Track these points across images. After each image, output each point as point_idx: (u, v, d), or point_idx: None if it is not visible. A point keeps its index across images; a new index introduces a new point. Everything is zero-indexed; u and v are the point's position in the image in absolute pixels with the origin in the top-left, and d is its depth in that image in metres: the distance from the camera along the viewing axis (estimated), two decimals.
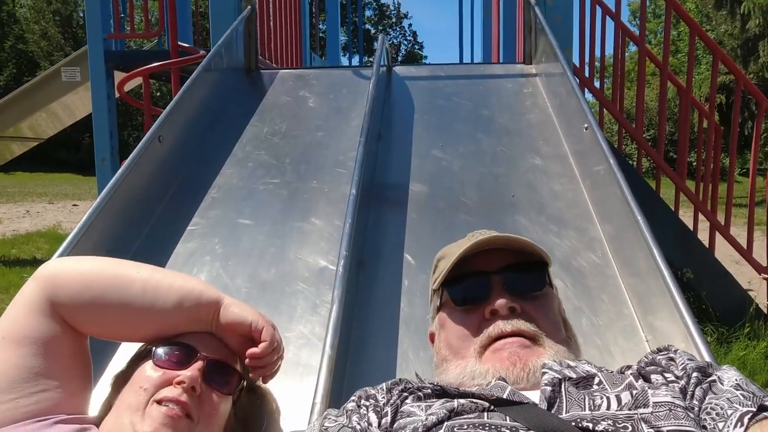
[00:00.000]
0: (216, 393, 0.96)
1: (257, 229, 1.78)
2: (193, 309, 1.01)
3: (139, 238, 1.74)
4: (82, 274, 1.02)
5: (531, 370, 0.89)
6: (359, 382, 1.24)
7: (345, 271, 1.30)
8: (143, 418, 0.91)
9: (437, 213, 1.81)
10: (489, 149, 2.14)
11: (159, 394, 0.93)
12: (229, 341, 1.02)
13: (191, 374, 0.93)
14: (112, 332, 1.07)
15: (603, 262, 1.57)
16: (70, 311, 1.01)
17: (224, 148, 2.23)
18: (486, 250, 1.02)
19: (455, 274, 1.02)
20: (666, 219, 3.73)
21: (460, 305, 1.01)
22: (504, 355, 0.92)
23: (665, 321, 1.28)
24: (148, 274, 1.04)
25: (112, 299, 1.00)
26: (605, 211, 1.72)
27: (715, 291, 3.57)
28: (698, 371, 0.79)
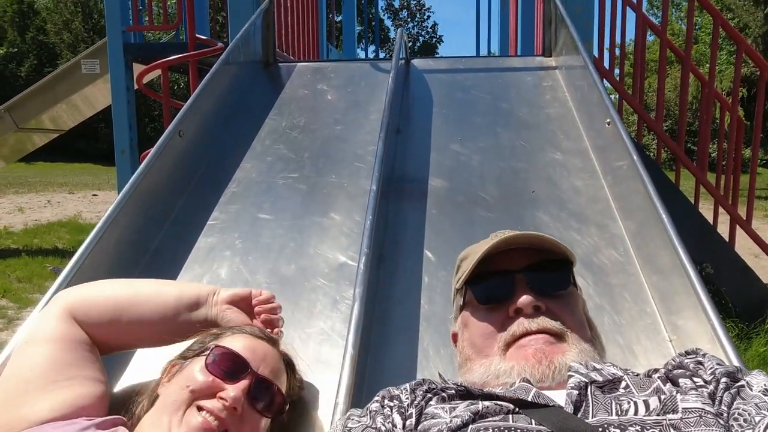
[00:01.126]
0: (258, 413, 0.98)
1: (277, 224, 1.79)
2: (194, 298, 1.13)
3: (160, 232, 1.76)
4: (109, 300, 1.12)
5: (557, 368, 0.88)
6: (380, 379, 1.25)
7: (366, 269, 1.31)
8: (180, 422, 0.93)
9: (456, 208, 1.81)
10: (508, 143, 2.12)
11: (201, 400, 0.95)
12: (232, 316, 1.10)
13: (235, 395, 0.94)
14: (129, 344, 1.17)
15: (625, 259, 1.55)
16: (96, 329, 1.10)
17: (243, 142, 2.24)
18: (510, 249, 1.02)
19: (479, 273, 1.01)
20: (685, 212, 3.68)
21: (484, 304, 1.00)
22: (529, 352, 0.91)
23: (689, 320, 1.26)
24: (153, 287, 1.16)
25: (128, 317, 1.10)
26: (627, 207, 1.70)
27: (735, 286, 3.52)
28: (727, 376, 0.78)
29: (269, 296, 1.19)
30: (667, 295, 1.38)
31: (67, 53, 25.05)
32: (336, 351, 1.32)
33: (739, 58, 3.65)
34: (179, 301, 1.13)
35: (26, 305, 4.41)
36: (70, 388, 1.03)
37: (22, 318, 4.13)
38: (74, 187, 14.55)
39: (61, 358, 1.06)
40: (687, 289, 1.28)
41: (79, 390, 1.04)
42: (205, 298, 1.15)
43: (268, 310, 1.15)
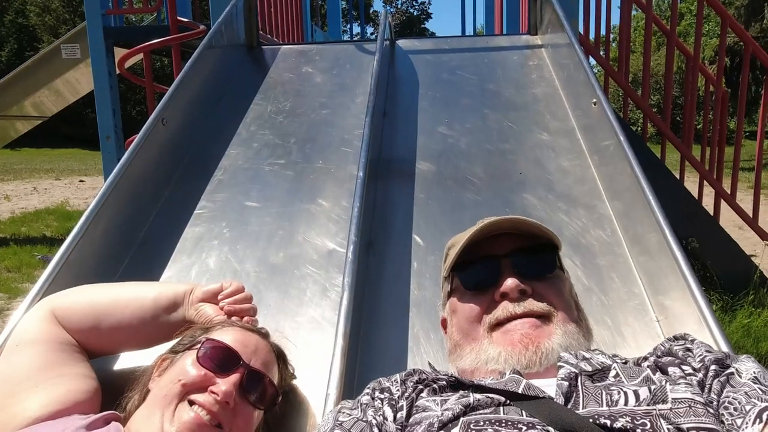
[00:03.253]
0: (251, 406, 0.98)
1: (264, 212, 1.78)
2: (171, 299, 1.13)
3: (147, 223, 1.74)
4: (89, 305, 1.14)
5: (543, 353, 0.89)
6: (372, 366, 1.26)
7: (354, 258, 1.30)
8: (173, 418, 0.93)
9: (445, 192, 1.80)
10: (495, 125, 2.11)
11: (193, 394, 0.95)
12: (209, 311, 1.10)
13: (226, 389, 0.94)
14: (112, 349, 1.17)
15: (612, 240, 1.56)
16: (80, 334, 1.12)
17: (228, 128, 2.22)
18: (496, 236, 1.02)
19: (465, 259, 1.02)
20: (671, 187, 3.71)
21: (471, 289, 1.01)
22: (515, 337, 0.92)
23: (676, 300, 1.28)
24: (131, 291, 1.17)
25: (108, 323, 1.11)
26: (614, 187, 1.70)
27: (720, 259, 3.57)
28: (716, 363, 0.79)
29: (235, 288, 1.16)
30: (655, 275, 1.39)
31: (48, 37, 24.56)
32: (327, 339, 1.32)
33: (724, 31, 3.65)
34: (156, 303, 1.13)
35: (16, 295, 4.38)
36: (61, 385, 1.03)
37: (12, 308, 4.11)
38: (61, 174, 14.40)
39: (48, 357, 1.07)
40: (674, 269, 1.30)
41: (70, 386, 1.04)
42: (182, 298, 1.15)
43: (230, 302, 1.13)
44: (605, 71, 3.78)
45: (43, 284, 1.33)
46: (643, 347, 1.28)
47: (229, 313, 1.12)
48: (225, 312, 1.13)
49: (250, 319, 1.14)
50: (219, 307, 1.14)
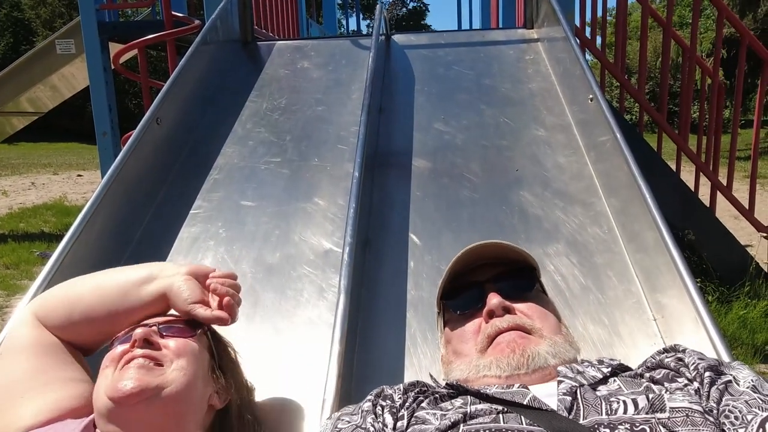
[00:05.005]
0: (176, 339, 1.01)
1: (260, 211, 1.78)
2: (145, 274, 1.10)
3: (142, 223, 1.74)
4: (64, 298, 1.12)
5: (530, 356, 0.92)
6: (369, 368, 1.26)
7: (350, 260, 1.30)
8: (116, 381, 0.93)
9: (441, 190, 1.80)
10: (492, 120, 2.11)
11: (121, 362, 0.96)
12: (185, 286, 1.07)
13: (140, 330, 0.97)
14: (95, 339, 1.12)
15: (609, 237, 1.56)
16: (60, 331, 1.10)
17: (224, 126, 2.20)
18: (478, 266, 1.09)
19: (452, 288, 1.09)
20: (667, 179, 3.71)
21: (459, 313, 1.07)
22: (503, 345, 0.96)
23: (674, 299, 1.28)
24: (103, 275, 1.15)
25: (79, 312, 1.09)
26: (611, 184, 1.70)
27: (716, 251, 3.57)
28: (710, 370, 0.79)
29: (228, 273, 1.15)
30: (651, 273, 1.39)
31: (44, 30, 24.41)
32: (323, 340, 1.32)
33: (720, 24, 3.63)
34: (126, 281, 1.10)
35: (15, 292, 4.38)
36: (51, 392, 1.03)
37: (11, 306, 4.11)
38: (58, 168, 14.36)
39: (35, 364, 1.06)
40: (670, 267, 1.29)
41: (60, 393, 1.03)
42: (158, 272, 1.11)
43: (220, 282, 1.11)
44: (601, 64, 3.76)
45: (37, 290, 1.33)
46: (640, 346, 1.28)
47: (214, 291, 1.10)
48: (211, 289, 1.10)
49: (229, 302, 1.10)
50: (206, 284, 1.11)
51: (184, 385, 0.97)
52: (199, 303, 1.08)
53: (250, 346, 1.17)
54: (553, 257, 1.52)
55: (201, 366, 1.04)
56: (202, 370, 1.04)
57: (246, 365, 1.16)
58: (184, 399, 0.98)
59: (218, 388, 1.08)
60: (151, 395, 0.93)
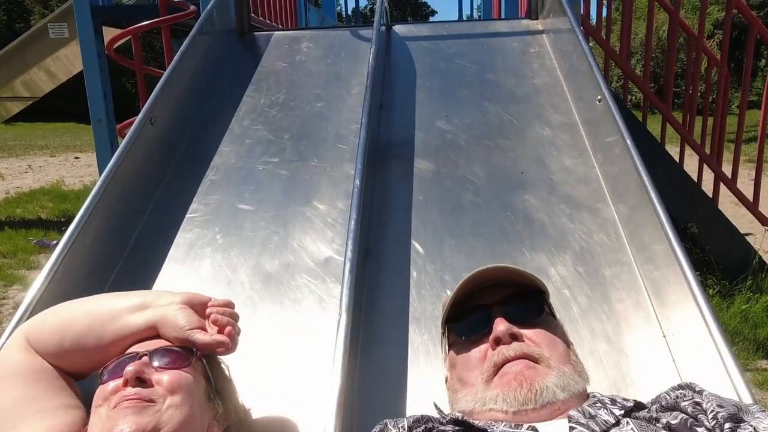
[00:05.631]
0: (169, 372, 0.97)
1: (258, 216, 1.73)
2: (137, 303, 1.07)
3: (137, 228, 1.70)
4: (55, 324, 1.08)
5: (537, 390, 0.89)
6: (371, 386, 1.23)
7: (352, 277, 1.25)
8: (111, 424, 0.90)
9: (444, 193, 1.75)
10: (495, 119, 2.05)
11: (113, 401, 0.93)
12: (181, 315, 1.04)
13: (131, 368, 0.94)
14: (85, 366, 1.09)
15: (617, 246, 1.52)
16: (51, 358, 1.07)
17: (220, 122, 2.15)
18: (487, 287, 1.06)
19: (458, 311, 1.05)
20: (671, 170, 3.66)
21: (465, 338, 1.03)
22: (510, 377, 0.93)
23: (684, 316, 1.24)
24: (95, 301, 1.11)
25: (70, 338, 1.05)
26: (618, 188, 1.65)
27: (719, 244, 3.54)
28: (730, 420, 0.76)
29: (226, 302, 1.12)
30: (661, 286, 1.35)
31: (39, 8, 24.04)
32: (323, 352, 1.29)
33: (729, 11, 3.54)
34: (117, 308, 1.07)
35: (12, 282, 4.35)
36: (43, 421, 1.00)
37: (8, 297, 4.09)
38: (55, 150, 14.25)
39: (27, 392, 1.02)
40: (681, 281, 1.26)
41: (52, 421, 1.00)
42: (152, 301, 1.08)
43: (220, 312, 1.09)
44: (605, 53, 3.68)
45: (31, 302, 1.29)
46: (648, 363, 1.25)
47: (214, 322, 1.07)
48: (212, 320, 1.08)
49: (230, 331, 1.08)
50: (207, 313, 1.09)
51: (179, 423, 0.94)
52: (197, 329, 1.05)
53: (247, 360, 1.13)
54: (559, 267, 1.48)
55: (197, 397, 1.01)
56: (198, 401, 1.01)
57: (242, 380, 1.13)
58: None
59: (216, 415, 1.05)
60: None
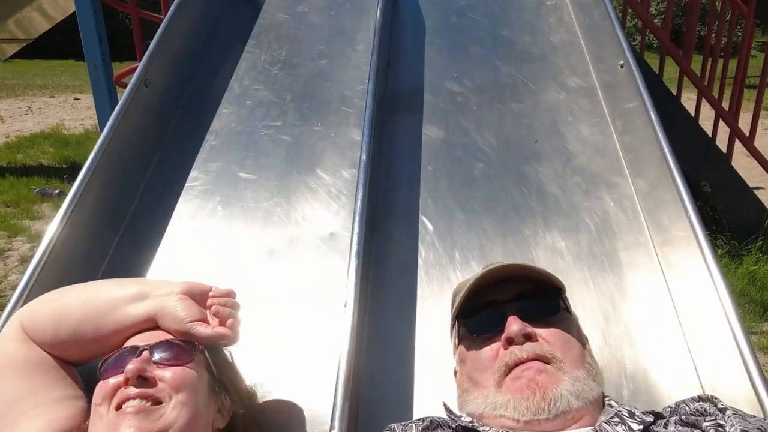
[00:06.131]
0: (172, 369, 0.94)
1: (260, 185, 1.66)
2: (136, 292, 1.03)
3: (135, 199, 1.63)
4: (52, 313, 1.04)
5: (551, 400, 0.86)
6: (378, 372, 1.20)
7: (358, 274, 1.19)
8: (114, 430, 0.88)
9: (454, 163, 1.68)
10: (508, 80, 1.94)
11: (114, 400, 0.91)
12: (181, 306, 1.01)
13: (132, 366, 0.91)
14: (83, 355, 1.06)
15: (635, 225, 1.46)
16: (48, 347, 1.03)
17: (219, 82, 2.05)
18: (500, 281, 1.00)
19: (470, 306, 1.01)
20: (686, 126, 3.54)
21: (477, 336, 0.99)
22: (522, 383, 0.89)
23: (702, 301, 1.19)
24: (92, 290, 1.07)
25: (66, 328, 1.02)
26: (638, 161, 1.57)
27: (731, 203, 3.46)
28: None
29: (227, 292, 1.09)
30: (679, 270, 1.30)
31: None
32: (328, 337, 1.25)
33: None
34: (116, 297, 1.03)
35: (16, 234, 4.33)
36: (40, 416, 0.97)
37: (13, 248, 4.08)
38: (55, 90, 14.00)
39: (23, 386, 1.00)
40: (701, 267, 1.20)
41: (52, 415, 0.98)
42: (150, 291, 1.04)
43: (221, 303, 1.05)
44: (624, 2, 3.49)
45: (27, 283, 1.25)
46: (663, 352, 1.21)
47: (216, 314, 1.04)
48: (213, 312, 1.04)
49: (232, 323, 1.04)
50: (207, 304, 1.06)
51: (186, 421, 0.92)
52: (198, 321, 1.01)
53: (251, 338, 1.10)
54: (573, 246, 1.42)
55: (202, 392, 0.98)
56: (203, 395, 0.98)
57: (246, 362, 1.10)
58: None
59: (220, 408, 1.03)
60: None
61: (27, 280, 1.25)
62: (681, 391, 1.12)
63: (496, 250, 1.43)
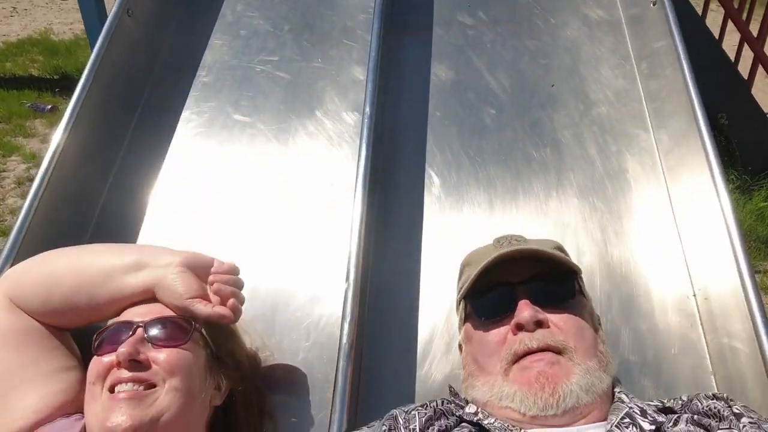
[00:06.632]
0: (166, 350, 0.91)
1: (256, 129, 1.56)
2: (133, 261, 0.99)
3: (122, 144, 1.54)
4: (41, 280, 0.99)
5: (561, 396, 0.83)
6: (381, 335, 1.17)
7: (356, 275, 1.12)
8: (106, 414, 0.86)
9: (464, 108, 1.56)
10: (526, 12, 1.78)
11: (108, 381, 0.89)
12: (182, 281, 0.96)
13: (124, 349, 0.88)
14: (76, 322, 1.02)
15: (654, 183, 1.37)
16: (39, 315, 0.99)
17: (209, 7, 1.88)
18: (514, 259, 0.93)
19: (478, 285, 0.95)
20: (708, 47, 3.34)
21: (485, 318, 0.94)
22: (531, 375, 0.85)
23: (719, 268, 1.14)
24: (87, 256, 1.01)
25: (59, 297, 0.97)
26: (662, 110, 1.47)
27: (747, 135, 3.33)
28: None
29: (230, 267, 1.03)
30: (698, 235, 1.23)
31: None
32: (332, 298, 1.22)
33: None
34: (111, 266, 0.98)
35: (11, 152, 4.21)
36: (34, 390, 0.95)
37: (8, 169, 3.99)
38: None
39: (13, 359, 0.96)
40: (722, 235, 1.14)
41: (45, 389, 0.95)
42: (148, 260, 0.99)
43: (223, 281, 1.01)
44: None
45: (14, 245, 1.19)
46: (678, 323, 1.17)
47: (217, 292, 0.99)
48: (214, 290, 1.00)
49: (234, 304, 1.01)
50: (209, 281, 1.01)
51: (180, 406, 0.89)
52: (197, 298, 0.96)
53: (250, 304, 1.06)
54: (587, 207, 1.35)
55: (197, 372, 0.95)
56: (199, 376, 0.95)
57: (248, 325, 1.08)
58: (183, 418, 0.91)
59: (217, 385, 1.00)
60: (147, 429, 0.85)
61: (11, 244, 1.18)
62: (685, 324, 1.13)
63: (507, 208, 1.36)
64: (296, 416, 1.10)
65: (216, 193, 1.44)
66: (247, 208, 1.41)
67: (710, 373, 1.11)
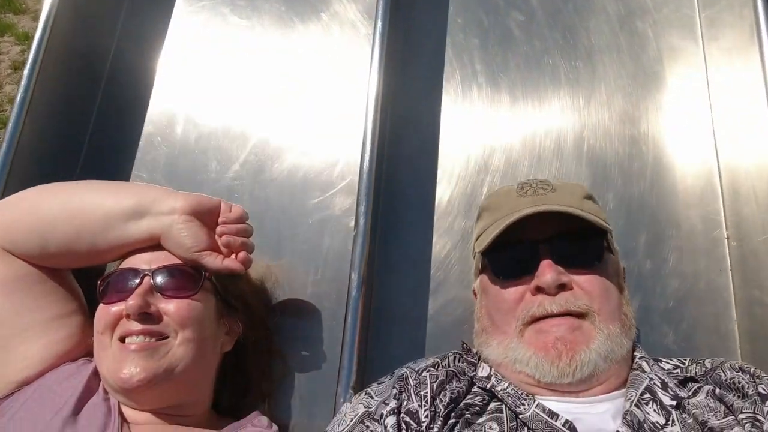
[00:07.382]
0: (176, 301, 0.90)
1: (257, 34, 1.41)
2: (132, 207, 0.93)
3: (111, 50, 1.40)
4: (32, 227, 0.92)
5: (578, 365, 0.79)
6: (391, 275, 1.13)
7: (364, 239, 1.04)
8: (119, 365, 0.86)
9: (488, 12, 1.37)
10: None
11: (117, 331, 0.88)
12: (191, 233, 0.92)
13: (133, 302, 0.86)
14: (81, 264, 0.98)
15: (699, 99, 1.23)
16: (35, 260, 0.95)
17: None
18: (538, 213, 0.84)
19: (498, 241, 0.86)
20: None
21: (504, 277, 0.87)
22: (548, 340, 0.81)
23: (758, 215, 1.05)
24: (82, 198, 0.94)
25: (55, 243, 0.92)
26: (717, 19, 1.28)
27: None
28: None
29: (239, 215, 0.98)
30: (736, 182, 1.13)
31: None
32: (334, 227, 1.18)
33: None
34: (110, 213, 0.92)
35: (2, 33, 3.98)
36: (35, 340, 0.93)
37: (2, 52, 3.79)
38: None
39: (11, 307, 0.92)
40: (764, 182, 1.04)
41: (44, 339, 0.93)
42: (150, 205, 0.92)
43: (233, 231, 0.96)
44: None
45: None
46: (706, 267, 1.11)
47: (227, 245, 0.95)
48: (224, 243, 0.95)
49: (245, 257, 0.97)
50: (218, 233, 0.96)
51: (193, 357, 0.89)
52: (206, 251, 0.92)
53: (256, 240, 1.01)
54: (621, 133, 1.23)
55: (209, 321, 0.93)
56: (210, 325, 0.93)
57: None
58: (197, 367, 0.91)
59: (228, 330, 0.99)
60: (161, 379, 0.85)
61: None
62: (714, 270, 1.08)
63: (529, 134, 1.25)
64: (308, 350, 1.09)
65: (211, 117, 1.33)
66: (253, 133, 1.30)
67: (734, 321, 1.06)
